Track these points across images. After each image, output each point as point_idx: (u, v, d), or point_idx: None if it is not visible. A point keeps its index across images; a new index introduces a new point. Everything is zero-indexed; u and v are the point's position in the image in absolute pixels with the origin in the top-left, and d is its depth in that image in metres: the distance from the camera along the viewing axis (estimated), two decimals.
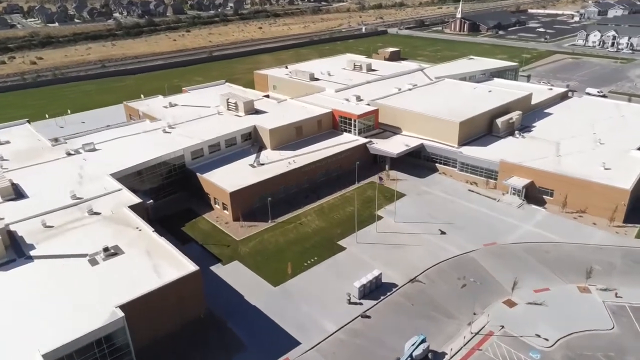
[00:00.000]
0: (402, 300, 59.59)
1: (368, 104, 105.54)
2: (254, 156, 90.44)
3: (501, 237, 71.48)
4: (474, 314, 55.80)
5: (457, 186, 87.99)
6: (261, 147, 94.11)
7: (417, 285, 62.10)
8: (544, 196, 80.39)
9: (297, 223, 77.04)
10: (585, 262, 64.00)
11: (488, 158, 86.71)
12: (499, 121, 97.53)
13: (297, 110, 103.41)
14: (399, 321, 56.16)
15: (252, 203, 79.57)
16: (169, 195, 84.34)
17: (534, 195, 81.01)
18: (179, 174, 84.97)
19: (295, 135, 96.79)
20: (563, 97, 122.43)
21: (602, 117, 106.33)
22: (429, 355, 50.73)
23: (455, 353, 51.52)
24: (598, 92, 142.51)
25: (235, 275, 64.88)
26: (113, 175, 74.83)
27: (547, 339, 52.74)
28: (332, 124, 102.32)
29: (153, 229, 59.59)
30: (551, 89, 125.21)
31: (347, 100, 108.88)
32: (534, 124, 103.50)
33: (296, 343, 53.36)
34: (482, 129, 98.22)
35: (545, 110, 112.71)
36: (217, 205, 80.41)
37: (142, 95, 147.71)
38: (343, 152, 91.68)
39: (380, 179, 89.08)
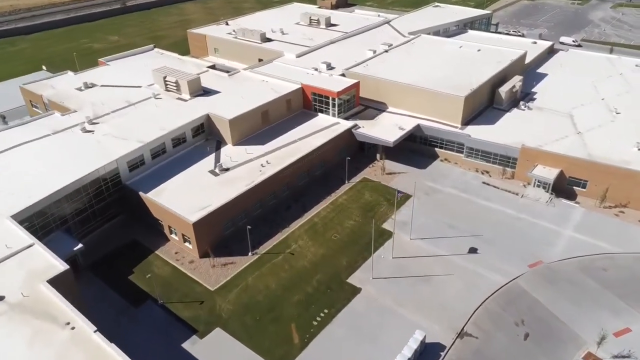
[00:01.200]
0: None
1: (343, 74, 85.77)
2: (212, 157, 69.13)
3: (544, 252, 57.86)
4: None
5: (467, 178, 72.89)
6: (219, 142, 72.62)
7: (468, 342, 47.23)
8: (575, 187, 67.57)
9: (287, 253, 58.60)
10: None
11: (504, 142, 71.73)
12: (502, 91, 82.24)
13: (256, 87, 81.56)
14: None
15: (222, 230, 59.70)
16: (104, 223, 61.96)
17: (562, 187, 67.82)
18: (114, 194, 62.35)
19: (262, 123, 75.91)
20: (550, 51, 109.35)
21: (601, 76, 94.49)
22: None
23: None
24: (573, 41, 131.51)
25: (221, 354, 46.29)
26: (15, 217, 51.22)
27: None
28: (303, 102, 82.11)
29: (95, 329, 38.34)
30: (535, 43, 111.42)
31: (316, 70, 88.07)
32: (533, 90, 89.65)
33: None
34: (483, 102, 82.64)
35: (538, 70, 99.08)
36: (174, 236, 59.65)
37: (43, 67, 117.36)
38: (326, 143, 72.64)
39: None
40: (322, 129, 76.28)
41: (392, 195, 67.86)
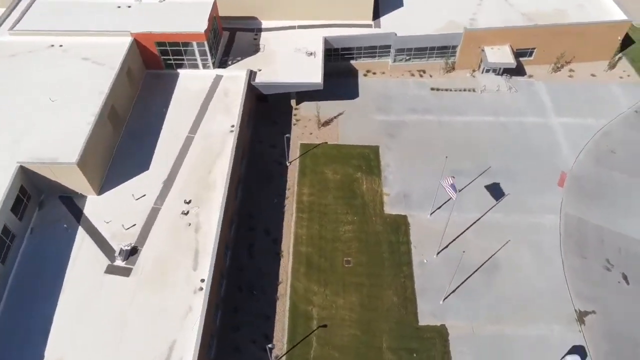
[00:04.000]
0: None
1: None
2: (82, 238, 38.01)
3: (555, 159, 50.13)
4: None
5: (411, 90, 57.05)
6: (70, 202, 40.02)
7: (591, 320, 39.33)
8: (522, 58, 58.67)
9: (314, 333, 38.55)
10: None
11: (440, 29, 56.06)
12: None
13: (58, 67, 45.47)
14: None
15: None
16: None
17: None
18: None
19: (114, 132, 44.02)
20: None
21: None
22: None
23: None
24: None
25: None
26: None
27: None
28: (144, 60, 49.97)
29: None
30: None
31: None
32: None
33: None
34: None
35: None
36: None
37: None
38: (241, 118, 46.41)
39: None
40: (208, 98, 48.49)
41: (360, 158, 49.65)
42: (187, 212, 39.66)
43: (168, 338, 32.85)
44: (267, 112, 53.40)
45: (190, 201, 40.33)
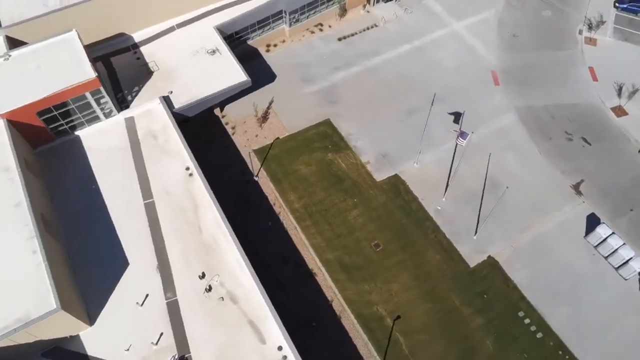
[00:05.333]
0: None
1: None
2: None
3: (479, 59, 52.42)
4: None
5: (321, 49, 53.28)
6: (60, 351, 30.59)
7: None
8: None
9: (394, 332, 36.76)
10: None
11: None
12: None
13: None
14: None
15: None
16: None
17: None
18: None
19: (56, 241, 33.93)
20: None
21: None
22: None
23: None
24: None
25: None
26: None
27: None
28: (29, 138, 38.29)
29: None
30: None
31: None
32: None
33: None
34: None
35: None
36: None
37: None
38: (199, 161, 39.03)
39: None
40: (135, 148, 39.64)
41: (320, 139, 46.39)
42: (210, 288, 33.37)
43: None
44: (195, 133, 45.99)
45: (203, 274, 33.85)
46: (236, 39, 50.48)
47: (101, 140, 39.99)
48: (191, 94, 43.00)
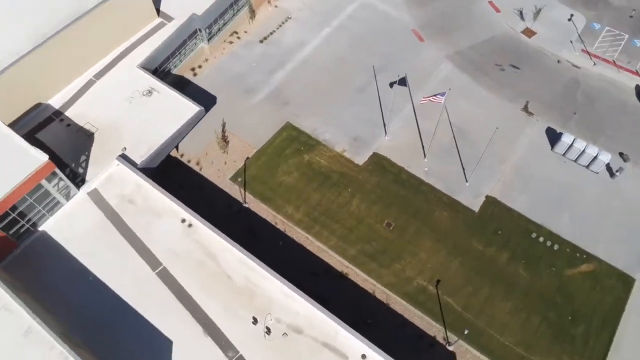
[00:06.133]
0: None
1: None
2: None
3: (400, 23, 54.25)
4: None
5: (247, 57, 51.13)
6: None
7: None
8: None
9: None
10: None
11: None
12: None
13: None
14: None
15: None
16: None
17: None
18: None
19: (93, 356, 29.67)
20: None
21: None
22: None
23: None
24: None
25: None
26: None
27: None
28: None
29: None
30: None
31: None
32: None
33: None
34: None
35: None
36: None
37: None
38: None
39: None
40: (116, 220, 35.46)
41: (289, 143, 45.27)
42: (269, 329, 31.55)
43: None
44: (161, 184, 42.00)
45: (255, 319, 31.87)
46: (160, 72, 46.67)
47: (71, 226, 35.12)
48: (148, 144, 39.26)
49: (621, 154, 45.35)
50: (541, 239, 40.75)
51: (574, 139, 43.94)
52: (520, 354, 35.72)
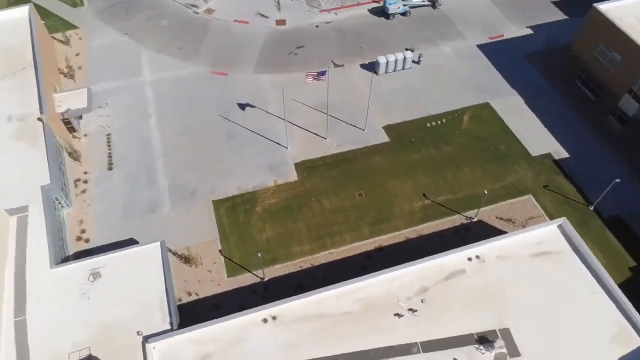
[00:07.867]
0: None
1: None
2: None
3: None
4: None
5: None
6: None
7: None
8: None
9: None
10: None
11: None
12: None
13: None
14: None
15: None
16: None
17: None
18: None
19: None
20: None
21: None
22: None
23: None
24: None
25: None
26: None
27: None
28: None
29: None
30: None
31: None
32: None
33: None
34: None
35: None
36: None
37: None
38: None
39: None
40: None
41: (229, 212, 45.14)
42: (413, 310, 34.03)
43: None
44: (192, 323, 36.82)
45: (398, 314, 33.79)
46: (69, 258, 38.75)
47: None
48: (159, 307, 33.88)
49: (408, 49, 60.15)
50: (433, 124, 52.59)
51: (385, 57, 56.57)
52: (497, 187, 46.81)
